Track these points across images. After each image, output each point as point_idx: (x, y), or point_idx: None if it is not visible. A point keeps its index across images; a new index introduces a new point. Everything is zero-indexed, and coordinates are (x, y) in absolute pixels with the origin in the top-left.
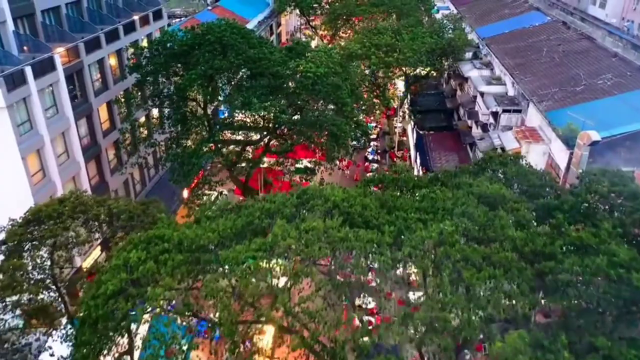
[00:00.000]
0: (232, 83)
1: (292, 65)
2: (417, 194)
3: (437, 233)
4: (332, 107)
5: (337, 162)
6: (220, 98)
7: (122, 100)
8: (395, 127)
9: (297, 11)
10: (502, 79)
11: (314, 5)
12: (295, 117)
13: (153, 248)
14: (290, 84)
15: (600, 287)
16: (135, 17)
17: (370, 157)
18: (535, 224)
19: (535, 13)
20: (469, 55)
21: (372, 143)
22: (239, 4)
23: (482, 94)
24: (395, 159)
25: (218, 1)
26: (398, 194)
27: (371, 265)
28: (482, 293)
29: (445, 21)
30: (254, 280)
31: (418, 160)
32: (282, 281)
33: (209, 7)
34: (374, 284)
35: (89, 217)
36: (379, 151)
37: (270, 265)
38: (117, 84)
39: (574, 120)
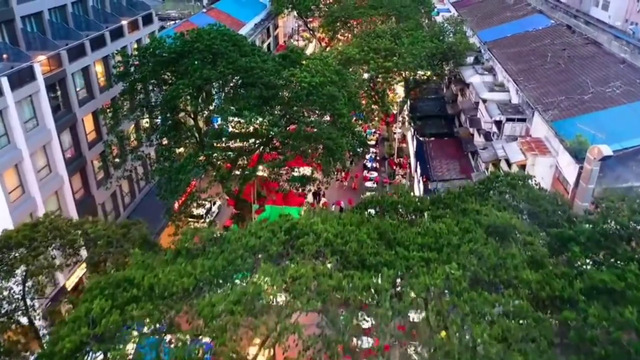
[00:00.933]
0: (224, 92)
1: (285, 74)
2: (419, 226)
3: (443, 279)
4: (328, 117)
5: (335, 175)
6: (211, 107)
7: (108, 110)
8: (395, 134)
9: (295, 13)
10: (505, 86)
11: (312, 7)
12: (289, 128)
13: (121, 294)
14: (284, 93)
15: (632, 346)
16: (124, 22)
17: (368, 164)
18: (549, 257)
19: (538, 16)
20: (470, 59)
21: (370, 150)
22: (235, 6)
23: (484, 101)
24: (394, 167)
25: (214, 3)
26: (398, 223)
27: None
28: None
29: (445, 24)
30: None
31: (418, 169)
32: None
33: (205, 10)
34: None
35: (63, 243)
36: (377, 158)
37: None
38: (104, 93)
39: (583, 132)
